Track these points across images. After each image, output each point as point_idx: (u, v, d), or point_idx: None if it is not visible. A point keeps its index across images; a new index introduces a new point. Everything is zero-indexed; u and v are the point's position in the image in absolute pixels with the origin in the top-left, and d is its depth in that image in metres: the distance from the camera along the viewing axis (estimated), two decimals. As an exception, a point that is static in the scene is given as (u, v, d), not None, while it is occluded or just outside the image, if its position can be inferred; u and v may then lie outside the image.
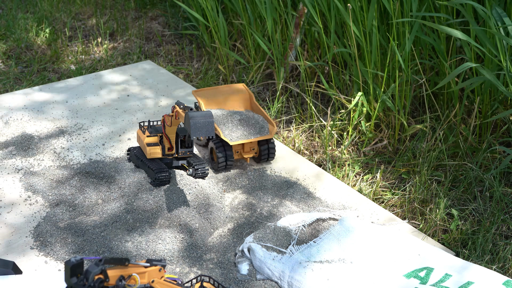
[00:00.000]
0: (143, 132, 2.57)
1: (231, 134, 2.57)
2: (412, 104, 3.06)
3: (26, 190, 2.46)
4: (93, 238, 2.21)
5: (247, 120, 2.63)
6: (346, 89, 3.10)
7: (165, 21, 4.22)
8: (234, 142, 2.53)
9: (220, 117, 2.62)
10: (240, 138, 2.56)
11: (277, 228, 2.21)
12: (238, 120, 2.62)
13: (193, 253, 2.17)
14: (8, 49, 3.81)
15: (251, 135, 2.58)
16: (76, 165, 2.62)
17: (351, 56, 2.92)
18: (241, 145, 2.61)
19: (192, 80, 3.50)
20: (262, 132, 2.60)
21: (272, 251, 2.11)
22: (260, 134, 2.59)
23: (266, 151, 2.63)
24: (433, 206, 2.45)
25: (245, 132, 2.58)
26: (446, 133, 2.77)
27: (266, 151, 2.63)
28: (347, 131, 2.92)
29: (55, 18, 4.21)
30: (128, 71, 3.46)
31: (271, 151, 2.64)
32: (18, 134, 2.83)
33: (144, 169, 2.56)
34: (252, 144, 2.63)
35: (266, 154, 2.64)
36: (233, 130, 2.58)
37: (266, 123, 2.64)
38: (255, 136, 2.58)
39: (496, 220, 2.37)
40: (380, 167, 2.72)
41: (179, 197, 2.41)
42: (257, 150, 2.65)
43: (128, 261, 1.61)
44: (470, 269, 2.05)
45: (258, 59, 3.44)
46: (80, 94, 3.19)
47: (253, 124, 2.62)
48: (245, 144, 2.61)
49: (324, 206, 2.42)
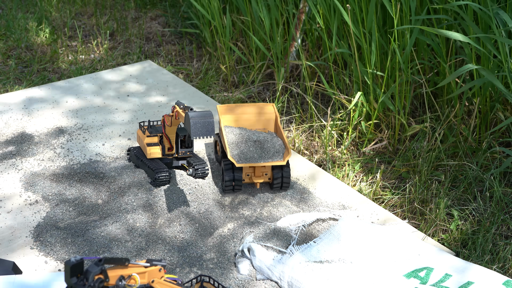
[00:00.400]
0: (143, 132, 2.57)
1: (240, 155, 2.40)
2: (412, 104, 3.06)
3: (26, 190, 2.46)
4: (93, 238, 2.21)
5: (263, 142, 2.47)
6: (346, 89, 3.10)
7: (165, 21, 4.22)
8: (240, 164, 2.34)
9: (236, 136, 2.48)
10: (248, 160, 2.38)
11: (277, 228, 2.21)
12: (254, 141, 2.46)
13: (193, 253, 2.17)
14: (8, 49, 3.81)
15: (262, 158, 2.39)
16: (76, 165, 2.62)
17: (352, 57, 2.92)
18: (252, 168, 2.42)
19: (192, 80, 3.50)
20: (275, 157, 2.41)
21: (272, 251, 2.11)
22: (272, 159, 2.40)
23: (279, 180, 2.41)
24: (433, 206, 2.45)
25: (255, 155, 2.40)
26: (446, 133, 2.77)
27: (279, 179, 2.41)
28: (347, 131, 2.92)
29: (55, 18, 4.21)
30: (128, 71, 3.46)
31: (285, 180, 2.42)
32: (18, 134, 2.83)
33: (144, 169, 2.56)
34: (264, 169, 2.42)
35: (279, 182, 2.42)
36: (244, 151, 2.42)
37: (282, 148, 2.46)
38: (266, 160, 2.39)
39: (496, 220, 2.37)
40: (380, 167, 2.72)
41: (179, 197, 2.41)
42: (270, 176, 2.43)
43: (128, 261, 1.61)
44: (470, 269, 2.05)
45: (258, 59, 3.44)
46: (80, 94, 3.19)
47: (268, 148, 2.45)
48: (256, 167, 2.40)
49: (324, 206, 2.42)
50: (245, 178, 2.43)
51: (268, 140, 2.49)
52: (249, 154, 2.41)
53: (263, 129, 2.60)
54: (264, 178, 2.43)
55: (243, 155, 2.41)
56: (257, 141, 2.46)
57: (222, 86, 3.44)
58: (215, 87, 3.41)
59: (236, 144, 2.45)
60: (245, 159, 2.38)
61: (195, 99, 3.16)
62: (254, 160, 2.38)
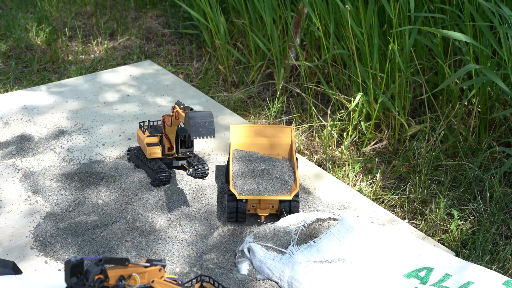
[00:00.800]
0: (143, 132, 2.57)
1: (243, 186, 2.27)
2: (412, 104, 3.06)
3: (26, 190, 2.46)
4: (93, 238, 2.21)
5: (271, 172, 2.34)
6: (346, 89, 3.10)
7: (165, 21, 4.22)
8: (242, 197, 2.21)
9: (244, 162, 2.37)
10: (252, 193, 2.24)
11: (277, 228, 2.21)
12: (261, 170, 2.33)
13: (193, 253, 2.17)
14: (8, 49, 3.81)
15: (267, 191, 2.25)
16: (76, 165, 2.62)
17: (350, 57, 2.92)
18: (258, 199, 2.26)
19: (192, 80, 3.50)
20: (282, 190, 2.26)
21: (272, 251, 2.11)
22: (277, 192, 2.25)
23: (287, 209, 2.26)
24: (433, 206, 2.45)
25: (260, 187, 2.27)
26: (446, 133, 2.77)
27: (287, 208, 2.26)
28: (347, 131, 2.92)
29: (55, 18, 4.22)
30: (128, 71, 3.46)
31: (294, 210, 2.26)
32: (18, 134, 2.83)
33: (144, 169, 2.56)
34: (271, 201, 2.26)
35: (288, 211, 2.27)
36: (248, 181, 2.29)
37: (291, 179, 2.31)
38: (271, 193, 2.25)
39: (496, 220, 2.37)
40: (380, 167, 2.72)
41: (179, 197, 2.41)
42: (278, 208, 2.26)
43: (128, 261, 1.61)
44: (470, 269, 2.05)
45: (258, 59, 3.44)
46: (80, 94, 3.19)
47: (276, 179, 2.31)
48: (262, 200, 2.25)
49: (324, 206, 2.42)
50: (250, 209, 2.28)
51: (278, 170, 2.35)
52: (253, 185, 2.29)
53: (276, 155, 2.47)
54: (271, 210, 2.28)
55: (247, 186, 2.29)
56: (264, 170, 2.33)
57: (222, 86, 3.44)
58: (215, 87, 3.41)
59: (242, 173, 2.33)
60: (248, 192, 2.26)
61: (195, 99, 3.16)
62: (257, 193, 2.25)
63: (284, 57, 3.29)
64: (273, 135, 2.48)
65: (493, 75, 2.45)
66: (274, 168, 2.36)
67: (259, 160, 2.40)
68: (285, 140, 2.47)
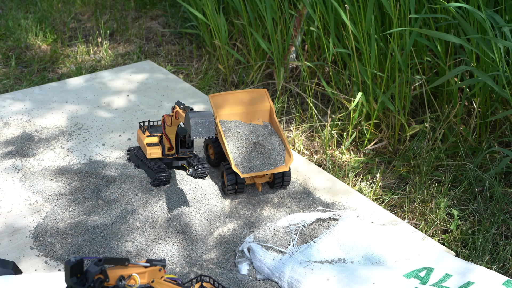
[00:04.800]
0: (143, 132, 2.57)
1: (244, 164, 2.37)
2: (412, 104, 3.06)
3: (26, 190, 2.46)
4: (93, 238, 2.21)
5: (263, 144, 2.43)
6: (346, 89, 3.10)
7: (165, 21, 4.22)
8: (245, 175, 2.34)
9: (235, 135, 2.44)
10: (252, 169, 2.36)
11: (277, 228, 2.21)
12: (253, 144, 2.42)
13: (193, 253, 2.17)
14: (8, 49, 3.81)
15: (265, 166, 2.38)
16: (76, 165, 2.62)
17: (350, 57, 2.92)
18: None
19: (192, 80, 3.50)
20: (278, 162, 2.39)
21: (272, 251, 2.11)
22: (274, 165, 2.38)
23: (280, 180, 2.45)
24: (433, 206, 2.45)
25: (258, 162, 2.38)
26: (446, 133, 2.77)
27: (280, 179, 2.45)
28: (347, 131, 2.92)
29: (55, 18, 4.21)
30: (128, 71, 3.46)
31: (286, 179, 2.45)
32: (18, 134, 2.83)
33: (144, 169, 2.56)
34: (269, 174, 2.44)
35: (280, 182, 2.46)
36: (246, 158, 2.39)
37: (283, 150, 2.44)
38: (269, 167, 2.37)
39: (496, 220, 2.37)
40: (380, 167, 2.72)
41: (179, 197, 2.41)
42: (271, 176, 2.47)
43: (128, 261, 1.61)
44: (470, 269, 2.05)
45: (258, 59, 3.44)
46: (80, 94, 3.19)
47: (269, 151, 2.42)
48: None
49: (324, 206, 2.42)
50: (246, 180, 2.44)
51: (267, 141, 2.45)
52: (252, 162, 2.38)
53: (257, 120, 2.56)
54: (265, 178, 2.45)
55: (247, 163, 2.38)
56: (256, 143, 2.43)
57: (222, 86, 3.44)
58: (215, 87, 3.41)
59: (237, 148, 2.41)
60: (249, 168, 2.36)
61: (195, 99, 3.16)
62: (257, 169, 2.37)
63: (284, 57, 3.29)
64: (251, 102, 2.54)
65: (485, 76, 2.46)
66: (264, 139, 2.45)
67: (248, 132, 2.47)
68: (263, 106, 2.54)
